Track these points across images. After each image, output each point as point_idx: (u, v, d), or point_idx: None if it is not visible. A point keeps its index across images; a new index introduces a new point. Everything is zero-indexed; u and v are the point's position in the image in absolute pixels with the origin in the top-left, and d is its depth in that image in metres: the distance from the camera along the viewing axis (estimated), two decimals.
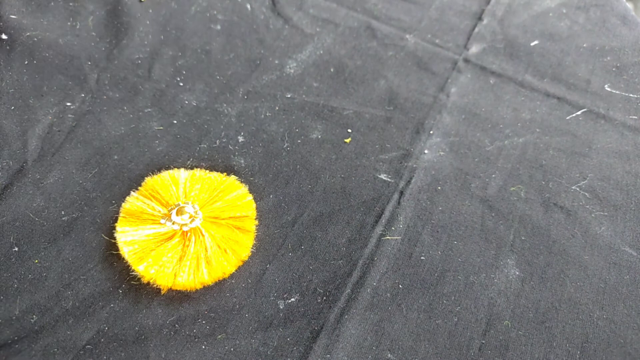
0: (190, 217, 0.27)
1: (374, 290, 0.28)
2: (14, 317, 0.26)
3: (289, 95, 0.35)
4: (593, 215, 0.31)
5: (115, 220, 0.28)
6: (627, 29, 0.41)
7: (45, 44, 0.36)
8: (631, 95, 0.37)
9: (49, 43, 0.36)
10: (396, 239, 0.29)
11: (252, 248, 0.28)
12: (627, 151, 0.34)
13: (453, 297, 0.28)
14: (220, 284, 0.27)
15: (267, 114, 0.34)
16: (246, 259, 0.28)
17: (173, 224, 0.27)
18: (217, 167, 0.31)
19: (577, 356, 0.26)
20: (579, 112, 0.36)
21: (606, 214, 0.31)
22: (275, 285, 0.28)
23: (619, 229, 0.30)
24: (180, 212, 0.28)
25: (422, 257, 0.29)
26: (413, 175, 0.32)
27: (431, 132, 0.34)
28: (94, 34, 0.37)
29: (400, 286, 0.28)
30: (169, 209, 0.28)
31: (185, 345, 0.25)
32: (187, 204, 0.28)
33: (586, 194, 0.32)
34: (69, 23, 0.37)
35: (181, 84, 0.35)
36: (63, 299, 0.26)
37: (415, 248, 0.29)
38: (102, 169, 0.31)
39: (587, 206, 0.31)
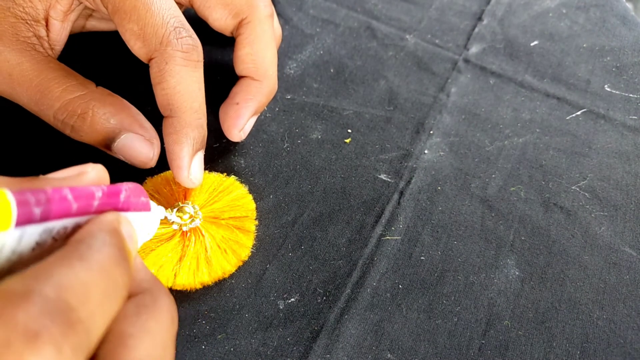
0: (190, 217, 0.27)
1: (373, 290, 0.28)
2: None
3: (288, 96, 0.35)
4: (593, 215, 0.31)
5: None
6: (627, 29, 0.41)
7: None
8: (631, 95, 0.37)
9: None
10: (396, 239, 0.29)
11: (252, 248, 0.28)
12: (627, 151, 0.34)
13: (453, 297, 0.28)
14: (220, 284, 0.27)
15: (267, 115, 0.34)
16: (246, 259, 0.28)
17: (172, 223, 0.27)
18: (217, 167, 0.32)
19: (577, 356, 0.26)
20: (578, 112, 0.36)
21: (606, 214, 0.31)
22: (275, 285, 0.28)
23: (619, 229, 0.30)
24: (180, 212, 0.28)
25: (422, 257, 0.29)
26: (413, 175, 0.32)
27: (431, 132, 0.34)
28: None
29: (400, 286, 0.28)
30: (169, 209, 0.28)
31: (185, 345, 0.25)
32: (187, 204, 0.28)
33: (586, 194, 0.32)
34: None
35: None
36: None
37: (415, 248, 0.29)
38: None
39: (587, 206, 0.31)
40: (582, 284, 0.28)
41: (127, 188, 0.20)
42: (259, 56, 0.30)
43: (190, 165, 0.27)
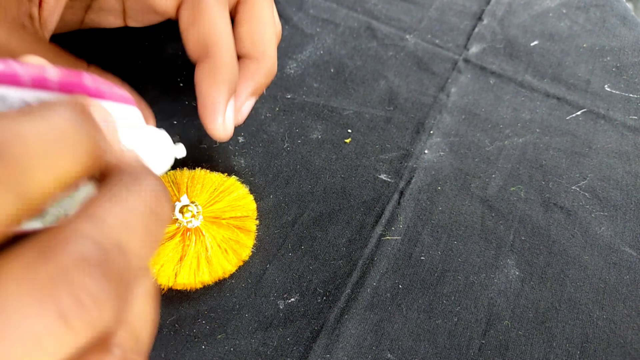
0: (192, 216, 0.28)
1: (373, 290, 0.28)
2: None
3: (289, 96, 0.35)
4: (593, 215, 0.31)
5: None
6: (627, 29, 0.41)
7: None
8: (631, 95, 0.37)
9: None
10: (396, 239, 0.29)
11: (252, 248, 0.28)
12: (627, 151, 0.34)
13: (453, 297, 0.28)
14: (220, 284, 0.27)
15: (267, 115, 0.34)
16: (247, 258, 0.28)
17: (175, 221, 0.27)
18: (217, 167, 0.32)
19: (577, 356, 0.26)
20: (578, 112, 0.36)
21: (606, 214, 0.31)
22: (275, 285, 0.28)
23: (619, 229, 0.30)
24: (182, 210, 0.28)
25: (422, 257, 0.29)
26: (413, 175, 0.32)
27: (431, 132, 0.34)
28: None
29: (400, 286, 0.28)
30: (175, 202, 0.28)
31: (185, 345, 0.25)
32: (192, 203, 0.28)
33: (586, 194, 0.32)
34: None
35: (181, 84, 0.35)
36: None
37: (415, 248, 0.29)
38: None
39: (587, 206, 0.31)
40: (582, 284, 0.29)
41: (90, 73, 0.18)
42: (258, 34, 0.28)
43: (225, 112, 0.25)
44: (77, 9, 0.30)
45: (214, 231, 0.28)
